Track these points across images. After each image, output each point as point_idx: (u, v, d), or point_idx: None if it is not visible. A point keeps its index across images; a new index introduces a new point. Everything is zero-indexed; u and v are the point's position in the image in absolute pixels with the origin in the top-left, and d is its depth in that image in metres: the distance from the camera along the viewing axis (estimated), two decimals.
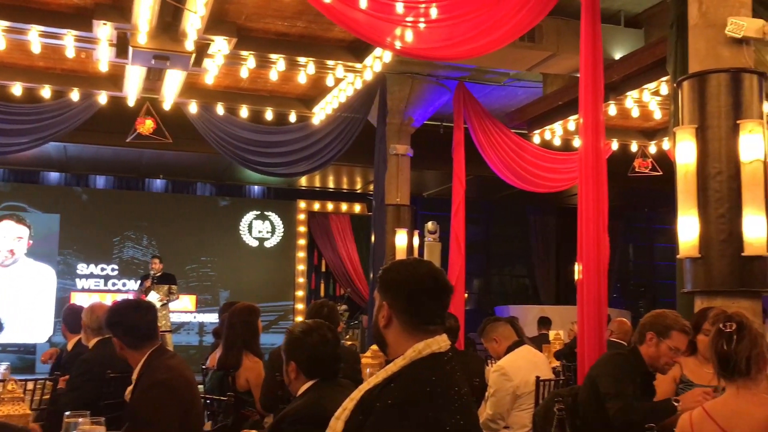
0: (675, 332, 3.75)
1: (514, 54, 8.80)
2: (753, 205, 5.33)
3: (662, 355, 3.73)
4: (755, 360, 2.76)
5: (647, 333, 3.78)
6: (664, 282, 17.84)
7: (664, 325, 3.77)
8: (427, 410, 2.07)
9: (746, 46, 5.60)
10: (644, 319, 3.92)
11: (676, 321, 3.81)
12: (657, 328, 3.76)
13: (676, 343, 3.75)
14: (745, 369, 2.76)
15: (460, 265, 10.10)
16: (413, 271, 2.27)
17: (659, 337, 3.74)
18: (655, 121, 10.06)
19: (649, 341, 3.76)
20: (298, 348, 3.12)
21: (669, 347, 3.73)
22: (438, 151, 11.45)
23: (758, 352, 2.77)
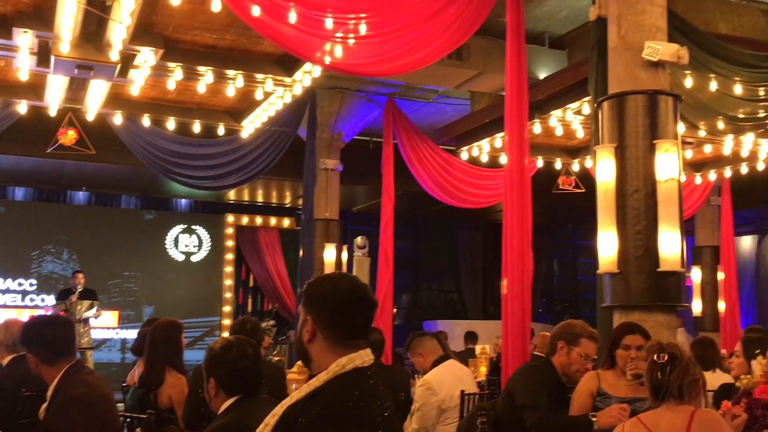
0: (583, 339, 3.89)
1: (442, 71, 8.92)
2: (668, 222, 5.53)
3: (573, 362, 3.85)
4: (687, 387, 2.92)
5: (558, 342, 3.91)
6: (586, 297, 18.28)
7: (573, 333, 3.90)
8: (350, 425, 2.08)
9: (662, 69, 5.83)
10: (554, 330, 4.06)
11: (583, 329, 3.96)
12: (566, 337, 3.89)
13: (586, 350, 3.88)
14: (677, 395, 2.91)
15: (388, 280, 10.15)
16: (338, 286, 2.28)
17: (569, 345, 3.87)
18: (578, 139, 10.33)
19: (560, 350, 3.88)
20: (218, 364, 3.09)
21: (579, 354, 3.86)
22: (367, 166, 11.50)
23: (690, 380, 2.93)
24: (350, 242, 12.66)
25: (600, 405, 4.19)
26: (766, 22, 8.23)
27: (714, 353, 6.01)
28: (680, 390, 2.92)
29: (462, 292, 19.12)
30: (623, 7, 5.90)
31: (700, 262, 13.32)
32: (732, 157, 10.90)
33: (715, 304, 12.80)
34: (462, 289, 19.08)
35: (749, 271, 19.21)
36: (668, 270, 5.52)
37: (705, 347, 5.98)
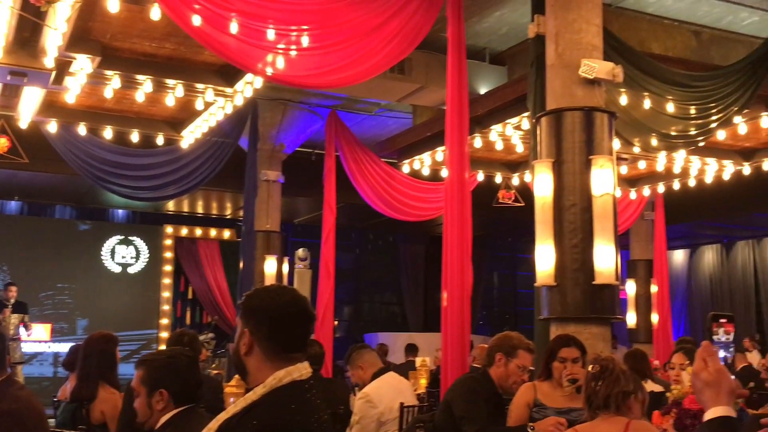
0: (521, 351, 3.95)
1: (384, 85, 8.98)
2: (603, 236, 5.66)
3: (511, 374, 3.91)
4: (615, 398, 2.98)
5: (495, 354, 3.96)
6: (525, 309, 18.53)
7: (510, 345, 3.96)
8: None
9: (598, 86, 5.98)
10: (491, 342, 4.11)
11: (520, 341, 4.02)
12: (504, 349, 3.94)
13: (523, 362, 3.94)
14: (603, 404, 2.97)
15: (329, 292, 10.12)
16: (276, 299, 2.26)
17: (507, 357, 3.92)
18: (518, 154, 10.49)
19: (498, 362, 3.93)
20: (169, 374, 3.02)
21: (517, 366, 3.91)
22: (309, 178, 11.47)
23: (619, 391, 2.99)
24: (291, 254, 12.59)
25: (536, 416, 4.25)
26: (697, 43, 8.52)
27: (645, 365, 6.15)
28: (607, 400, 2.98)
29: (403, 305, 19.17)
30: (561, 26, 6.04)
31: (635, 275, 13.65)
32: (665, 174, 11.21)
33: (648, 317, 13.11)
34: (403, 301, 19.13)
35: (681, 284, 19.76)
36: (603, 283, 5.64)
37: (637, 359, 6.12)
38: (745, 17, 8.31)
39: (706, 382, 1.75)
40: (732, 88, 7.64)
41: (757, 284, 18.17)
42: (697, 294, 19.62)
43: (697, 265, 19.84)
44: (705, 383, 1.75)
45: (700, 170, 10.87)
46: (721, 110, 7.68)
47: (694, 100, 7.68)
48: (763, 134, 9.15)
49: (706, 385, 1.75)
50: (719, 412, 1.71)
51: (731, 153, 10.40)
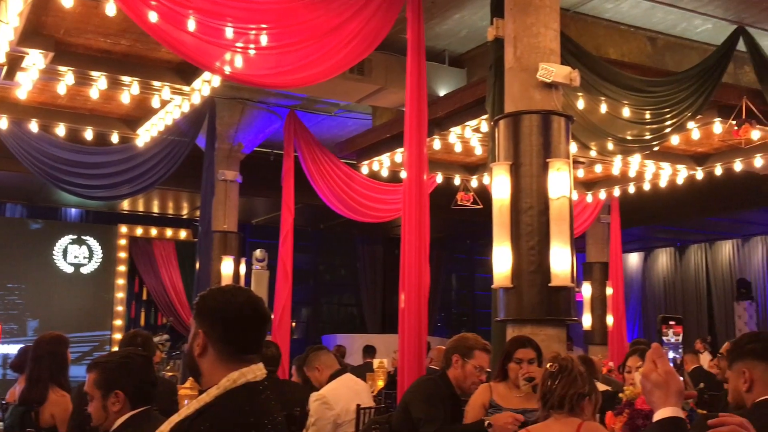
0: (477, 351, 3.96)
1: (344, 86, 8.95)
2: (559, 238, 5.71)
3: (468, 375, 3.92)
4: (570, 399, 2.99)
5: (452, 356, 3.97)
6: (483, 311, 18.65)
7: (467, 346, 3.97)
8: None
9: (555, 90, 6.03)
10: (448, 344, 4.12)
11: (476, 342, 4.03)
12: (461, 350, 3.96)
13: (480, 362, 3.95)
14: (558, 404, 2.99)
15: (287, 294, 10.05)
16: (231, 299, 2.23)
17: (464, 358, 3.93)
18: (477, 156, 10.54)
19: (455, 364, 3.94)
20: (125, 375, 2.97)
21: (473, 367, 3.92)
22: (268, 178, 11.39)
23: (575, 393, 3.00)
24: (249, 255, 12.49)
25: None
26: (652, 49, 8.66)
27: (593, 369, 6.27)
28: (562, 400, 2.99)
29: (361, 306, 19.16)
30: (519, 29, 6.08)
31: (591, 277, 13.81)
32: (621, 177, 11.37)
33: (604, 319, 13.27)
34: (361, 303, 19.12)
35: (636, 286, 20.09)
36: (559, 285, 5.69)
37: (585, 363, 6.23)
38: (699, 24, 8.46)
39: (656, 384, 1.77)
40: (686, 94, 7.78)
41: (709, 287, 18.55)
42: (651, 296, 19.96)
43: (651, 267, 20.19)
44: (654, 384, 1.77)
45: (654, 174, 11.06)
46: (675, 115, 7.81)
47: (649, 105, 7.81)
48: (715, 140, 9.33)
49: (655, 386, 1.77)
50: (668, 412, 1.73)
51: (685, 158, 10.60)
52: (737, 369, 2.67)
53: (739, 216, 15.40)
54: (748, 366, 2.63)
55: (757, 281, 17.21)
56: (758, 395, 2.59)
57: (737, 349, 2.74)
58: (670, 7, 8.04)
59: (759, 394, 2.59)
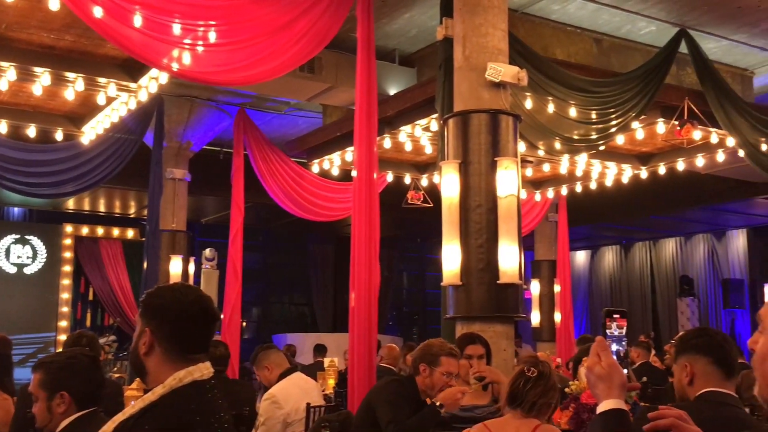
0: (443, 358, 3.94)
1: (294, 84, 8.91)
2: (507, 236, 5.78)
3: (436, 382, 3.92)
4: (539, 406, 3.03)
5: (419, 365, 3.95)
6: (434, 309, 18.77)
7: (432, 354, 3.95)
8: None
9: (504, 89, 6.10)
10: (414, 353, 4.10)
11: (442, 347, 4.01)
12: (427, 359, 3.93)
13: (447, 368, 3.94)
14: (528, 409, 3.03)
15: (236, 293, 9.96)
16: (180, 297, 2.20)
17: (430, 366, 3.91)
18: (427, 155, 10.60)
19: (423, 372, 3.93)
20: (70, 375, 2.91)
21: (441, 374, 3.91)
22: (217, 176, 11.27)
23: (545, 402, 3.04)
24: (198, 254, 12.35)
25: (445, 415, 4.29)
26: (598, 50, 8.82)
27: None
28: (532, 406, 3.03)
29: (312, 305, 19.11)
30: (468, 29, 6.14)
31: (539, 275, 14.00)
32: (568, 176, 11.55)
33: (551, 316, 13.47)
34: (312, 302, 19.07)
35: (583, 284, 20.44)
36: (507, 282, 5.76)
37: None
38: (643, 27, 8.65)
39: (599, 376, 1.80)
40: (630, 95, 7.95)
41: (653, 284, 18.97)
42: (597, 293, 20.33)
43: (597, 265, 20.56)
44: (598, 377, 1.81)
45: (600, 174, 11.26)
46: (620, 115, 7.97)
47: (595, 106, 7.95)
48: (659, 140, 9.55)
49: (599, 378, 1.81)
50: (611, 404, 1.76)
51: (630, 157, 10.82)
52: (681, 363, 2.74)
53: (681, 214, 15.78)
54: (690, 360, 2.70)
55: (698, 278, 17.66)
56: (699, 388, 2.66)
57: (683, 343, 2.81)
58: (615, 9, 8.20)
59: (700, 387, 2.66)
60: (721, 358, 2.70)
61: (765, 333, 1.56)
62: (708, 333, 2.83)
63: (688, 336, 2.85)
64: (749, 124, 8.52)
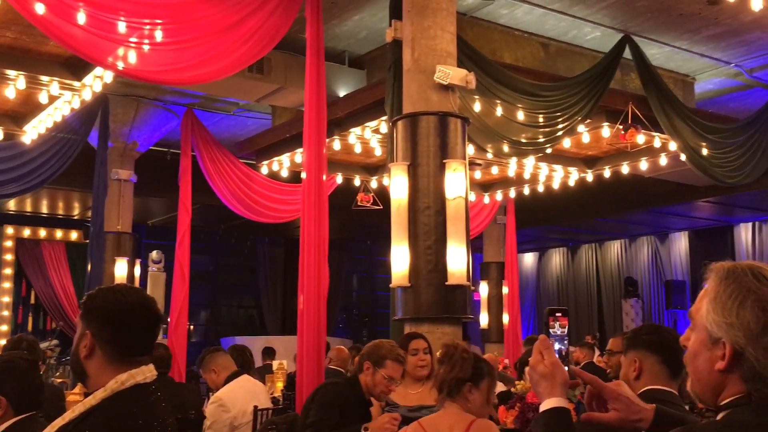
0: (389, 362, 3.93)
1: (242, 84, 8.84)
2: (456, 238, 5.82)
3: (377, 383, 3.90)
4: (449, 383, 3.05)
5: (364, 363, 3.94)
6: (383, 311, 18.79)
7: (379, 355, 3.93)
8: None
9: (452, 92, 6.15)
10: (363, 350, 4.08)
11: (390, 351, 3.99)
12: (373, 358, 3.92)
13: (391, 372, 3.93)
14: (439, 388, 3.02)
15: (184, 296, 9.82)
16: (121, 299, 2.16)
17: (375, 366, 3.89)
18: (377, 157, 10.61)
19: (366, 370, 3.91)
20: (8, 379, 2.84)
21: (383, 376, 3.90)
22: (164, 177, 11.11)
23: (454, 377, 3.05)
24: (145, 257, 12.16)
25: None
26: (545, 54, 8.94)
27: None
28: (443, 384, 3.03)
29: (261, 308, 18.96)
30: (417, 32, 6.17)
31: (487, 277, 14.14)
32: (516, 179, 11.69)
33: (500, 317, 13.61)
34: (261, 304, 18.93)
35: (531, 285, 20.70)
36: (455, 284, 5.80)
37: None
38: (588, 32, 8.80)
39: (542, 375, 1.82)
40: (576, 99, 8.08)
41: (599, 285, 19.31)
42: (544, 294, 20.60)
43: (545, 267, 20.85)
44: (541, 375, 1.82)
45: (548, 176, 11.42)
46: (567, 119, 8.10)
47: (542, 109, 8.06)
48: (604, 143, 9.72)
49: (542, 377, 1.82)
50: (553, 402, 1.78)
51: (576, 161, 11.00)
52: (630, 357, 2.78)
53: (626, 217, 16.09)
54: (640, 356, 2.74)
55: (642, 279, 18.04)
56: (644, 384, 2.70)
57: (634, 338, 2.84)
58: (562, 15, 8.33)
59: (645, 384, 2.70)
60: (670, 357, 2.74)
61: (696, 330, 1.60)
62: (660, 331, 2.87)
63: (641, 331, 2.89)
64: (690, 128, 8.74)
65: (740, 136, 9.28)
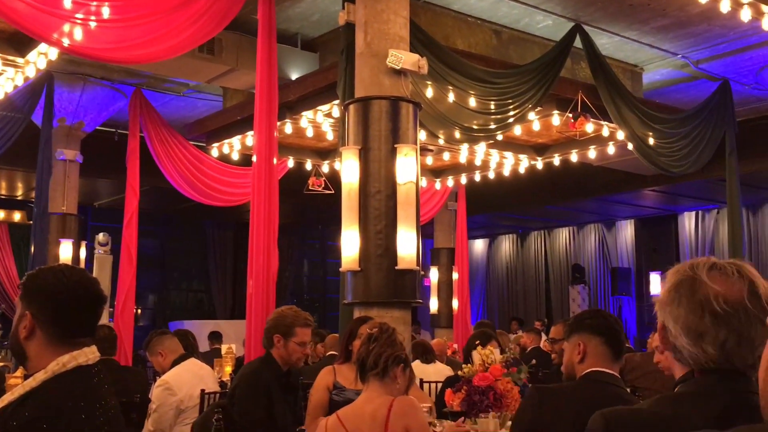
0: (297, 328, 3.88)
1: (192, 65, 8.70)
2: (406, 222, 5.84)
3: (292, 352, 3.87)
4: (385, 359, 3.03)
5: (273, 336, 3.86)
6: (334, 296, 18.79)
7: (286, 325, 3.87)
8: (68, 426, 1.94)
9: (404, 77, 6.15)
10: (268, 324, 3.99)
11: (296, 317, 3.93)
12: (281, 330, 3.85)
13: (301, 338, 3.89)
14: (373, 364, 3.02)
15: (131, 279, 9.68)
16: (62, 279, 2.11)
17: (285, 337, 3.85)
18: (329, 141, 10.57)
19: (277, 344, 3.85)
20: None
21: (296, 344, 3.87)
22: (112, 158, 10.89)
23: (391, 354, 3.04)
24: (91, 239, 11.94)
25: (336, 398, 4.31)
26: (497, 42, 8.99)
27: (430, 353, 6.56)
28: (377, 360, 3.03)
29: (211, 292, 18.81)
30: (369, 15, 6.14)
31: (438, 263, 14.24)
32: (467, 166, 11.76)
33: (450, 302, 13.73)
34: (211, 288, 18.77)
35: (481, 271, 20.91)
36: (405, 268, 5.83)
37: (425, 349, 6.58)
38: (540, 20, 8.87)
39: None
40: (527, 87, 8.14)
41: (547, 271, 19.61)
42: (494, 281, 20.85)
43: (495, 253, 21.08)
44: None
45: (498, 164, 11.51)
46: (518, 106, 8.16)
47: (494, 96, 8.10)
48: (554, 131, 9.83)
49: None
50: None
51: (526, 148, 11.11)
52: (574, 341, 2.85)
53: (574, 205, 16.34)
54: (584, 339, 2.81)
55: (589, 266, 18.37)
56: (588, 366, 2.77)
57: (577, 322, 2.92)
58: (514, 2, 8.37)
59: (589, 366, 2.77)
60: (612, 339, 2.82)
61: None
62: (602, 315, 2.95)
63: (583, 316, 2.97)
64: (638, 118, 8.89)
65: (686, 127, 9.48)
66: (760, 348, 1.34)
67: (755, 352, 1.49)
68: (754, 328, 1.52)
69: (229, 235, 18.64)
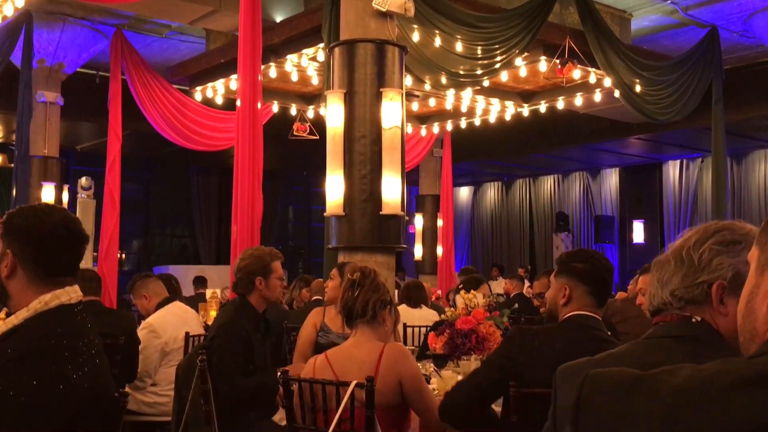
0: (274, 264, 3.84)
1: (175, 5, 8.54)
2: (391, 168, 5.82)
3: (273, 289, 3.83)
4: (373, 305, 3.02)
5: (255, 279, 3.78)
6: (319, 242, 18.83)
7: (263, 265, 3.79)
8: (51, 363, 1.94)
9: (390, 20, 6.05)
10: (242, 270, 3.82)
11: (270, 254, 3.84)
12: (260, 272, 3.78)
13: (279, 272, 3.84)
14: (361, 312, 3.01)
15: (114, 223, 9.64)
16: (44, 218, 2.10)
17: (266, 277, 3.80)
18: (313, 86, 10.44)
19: (259, 286, 3.77)
20: None
21: (275, 279, 3.83)
22: (93, 101, 10.74)
23: (378, 298, 3.03)
24: (73, 183, 11.85)
25: (321, 339, 4.36)
26: None
27: (421, 293, 6.50)
28: (365, 306, 3.00)
29: (195, 238, 18.80)
30: None
31: (423, 209, 14.26)
32: (453, 112, 11.69)
33: (434, 249, 13.80)
34: (195, 234, 18.76)
35: (465, 219, 20.99)
36: (389, 213, 5.83)
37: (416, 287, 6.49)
38: None
39: None
40: (514, 32, 8.05)
41: (532, 219, 19.71)
42: (479, 228, 20.95)
43: (479, 201, 21.13)
44: None
45: (484, 110, 11.45)
46: (504, 52, 8.08)
47: (481, 41, 8.01)
48: (541, 78, 9.77)
49: None
50: None
51: (513, 95, 11.03)
52: (560, 282, 2.79)
53: (560, 152, 16.34)
54: (571, 284, 2.74)
55: (573, 214, 18.47)
56: (572, 310, 2.76)
57: (567, 263, 2.82)
58: None
59: (572, 309, 2.76)
60: (599, 289, 2.77)
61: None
62: (594, 260, 2.83)
63: (574, 258, 2.85)
64: (625, 65, 8.84)
65: (672, 74, 9.44)
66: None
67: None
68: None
69: (213, 180, 18.56)
